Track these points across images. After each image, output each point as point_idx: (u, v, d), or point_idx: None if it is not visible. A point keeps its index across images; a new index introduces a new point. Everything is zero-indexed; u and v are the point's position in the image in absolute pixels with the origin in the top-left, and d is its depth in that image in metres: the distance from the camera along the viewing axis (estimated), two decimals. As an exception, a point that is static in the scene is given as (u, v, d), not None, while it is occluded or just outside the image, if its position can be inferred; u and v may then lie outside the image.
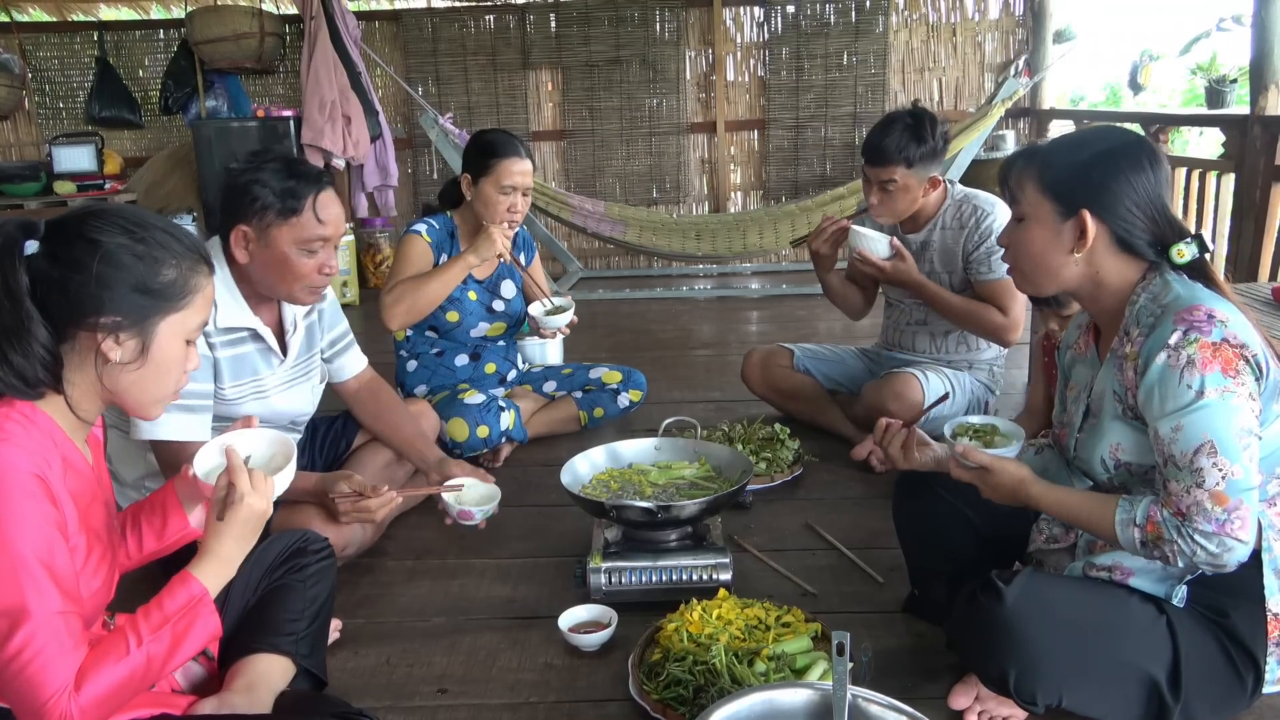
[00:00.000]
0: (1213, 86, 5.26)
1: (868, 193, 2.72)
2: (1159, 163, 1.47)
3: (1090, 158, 1.47)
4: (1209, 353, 1.34)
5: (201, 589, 1.26)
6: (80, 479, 1.30)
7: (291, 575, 1.62)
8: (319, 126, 5.40)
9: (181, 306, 1.29)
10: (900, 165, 2.61)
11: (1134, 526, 1.40)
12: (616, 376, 3.14)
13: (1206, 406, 1.33)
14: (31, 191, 5.76)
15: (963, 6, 6.31)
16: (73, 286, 1.22)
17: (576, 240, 6.44)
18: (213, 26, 5.70)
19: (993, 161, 5.64)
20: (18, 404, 1.23)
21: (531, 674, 1.81)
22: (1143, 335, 1.43)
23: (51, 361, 1.23)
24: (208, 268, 1.34)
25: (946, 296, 2.73)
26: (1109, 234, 1.46)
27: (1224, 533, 1.33)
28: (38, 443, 1.22)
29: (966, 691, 1.64)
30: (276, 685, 1.52)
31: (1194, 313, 1.36)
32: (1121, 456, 1.50)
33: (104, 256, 1.23)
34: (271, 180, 1.94)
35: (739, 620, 1.75)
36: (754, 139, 6.56)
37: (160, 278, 1.27)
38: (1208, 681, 1.44)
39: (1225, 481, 1.33)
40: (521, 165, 2.76)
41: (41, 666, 1.13)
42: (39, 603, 1.14)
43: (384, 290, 2.72)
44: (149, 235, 1.27)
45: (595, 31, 6.30)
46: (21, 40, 6.31)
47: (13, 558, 1.14)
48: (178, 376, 1.33)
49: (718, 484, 2.17)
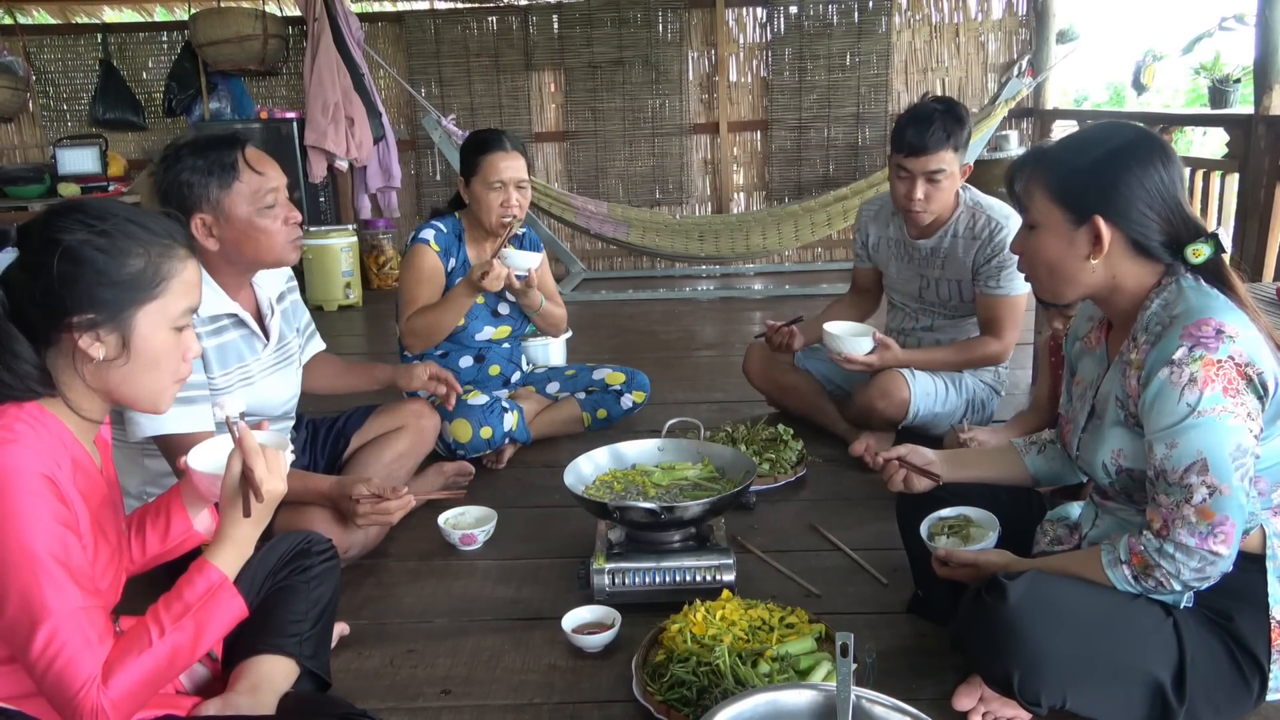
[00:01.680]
0: (1216, 86, 5.25)
1: (909, 191, 2.60)
2: (1170, 158, 1.43)
3: (1098, 159, 1.43)
4: (1212, 370, 1.32)
5: (220, 574, 1.27)
6: (89, 480, 1.30)
7: (295, 577, 1.62)
8: (322, 128, 5.41)
9: (156, 295, 1.27)
10: (949, 150, 2.55)
11: (1121, 564, 1.42)
12: (620, 378, 3.14)
13: (1202, 425, 1.33)
14: (36, 194, 5.78)
15: (965, 6, 6.31)
16: (40, 291, 1.21)
17: (579, 241, 6.44)
18: (216, 29, 5.72)
19: (996, 162, 5.64)
20: (26, 405, 1.23)
21: (535, 675, 1.81)
22: (1149, 344, 1.41)
23: (38, 373, 1.23)
24: (184, 250, 1.31)
25: (940, 357, 2.75)
26: (1124, 238, 1.43)
27: (1204, 547, 1.34)
28: (46, 444, 1.22)
29: (971, 692, 1.64)
30: (280, 686, 1.52)
31: (1202, 328, 1.34)
32: (1123, 463, 1.50)
33: (64, 254, 1.21)
34: (195, 161, 1.94)
35: (743, 621, 1.75)
36: (757, 140, 6.56)
37: (126, 268, 1.25)
38: (1212, 684, 1.44)
39: (1213, 498, 1.33)
40: (508, 159, 2.74)
41: (68, 661, 1.15)
42: (59, 600, 1.15)
43: (400, 312, 2.79)
44: (111, 227, 1.25)
45: (598, 32, 6.30)
46: (25, 43, 6.34)
47: (29, 557, 1.15)
48: (174, 366, 1.31)
49: (721, 485, 2.16)
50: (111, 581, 1.33)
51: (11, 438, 1.18)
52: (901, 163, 2.60)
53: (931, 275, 2.77)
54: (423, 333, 2.73)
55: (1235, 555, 1.37)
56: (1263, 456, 1.41)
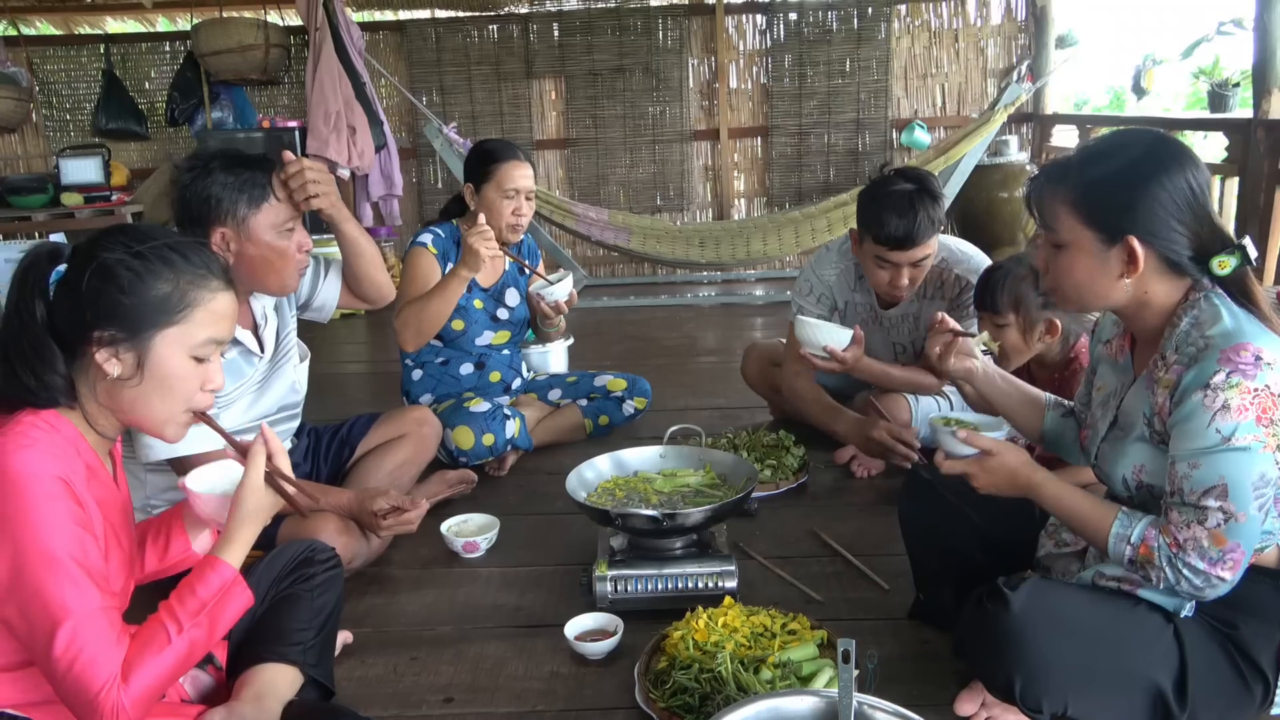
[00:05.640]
0: (1215, 90, 5.25)
1: (894, 279, 2.45)
2: (1196, 165, 1.38)
3: (1124, 174, 1.38)
4: (1248, 398, 1.30)
5: (232, 571, 1.31)
6: (103, 487, 1.31)
7: (299, 585, 1.63)
8: (324, 137, 5.42)
9: (178, 321, 1.29)
10: (934, 235, 2.40)
11: (1127, 544, 1.40)
12: (621, 384, 3.15)
13: (1230, 451, 1.31)
14: (39, 203, 5.79)
15: (965, 12, 6.33)
16: (72, 303, 1.25)
17: (581, 248, 6.45)
18: (218, 38, 5.74)
19: (995, 166, 5.65)
20: (43, 412, 1.25)
21: (538, 682, 1.82)
22: (1181, 365, 1.38)
23: (64, 383, 1.26)
24: (218, 282, 1.34)
25: (895, 375, 2.63)
26: (1157, 256, 1.39)
27: (1213, 571, 1.33)
28: (61, 449, 1.24)
29: (973, 699, 1.64)
30: (284, 695, 1.53)
31: (1240, 353, 1.32)
32: (1145, 479, 1.47)
33: (96, 270, 1.25)
34: (226, 178, 1.96)
35: (745, 627, 1.75)
36: (757, 146, 6.57)
37: (152, 291, 1.27)
38: (1215, 692, 1.43)
39: (1227, 525, 1.32)
40: (523, 169, 2.80)
41: (89, 661, 1.16)
42: (78, 600, 1.17)
43: (395, 311, 2.76)
44: (149, 250, 1.28)
45: (598, 40, 6.32)
46: (29, 54, 6.36)
47: (48, 558, 1.16)
48: (188, 394, 1.33)
49: (723, 491, 2.17)
50: (122, 587, 1.34)
51: (29, 443, 1.20)
52: (885, 255, 2.42)
53: (903, 341, 2.72)
54: (413, 322, 2.70)
55: (1239, 581, 1.35)
56: None
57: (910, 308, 2.63)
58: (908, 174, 2.43)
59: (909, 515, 1.91)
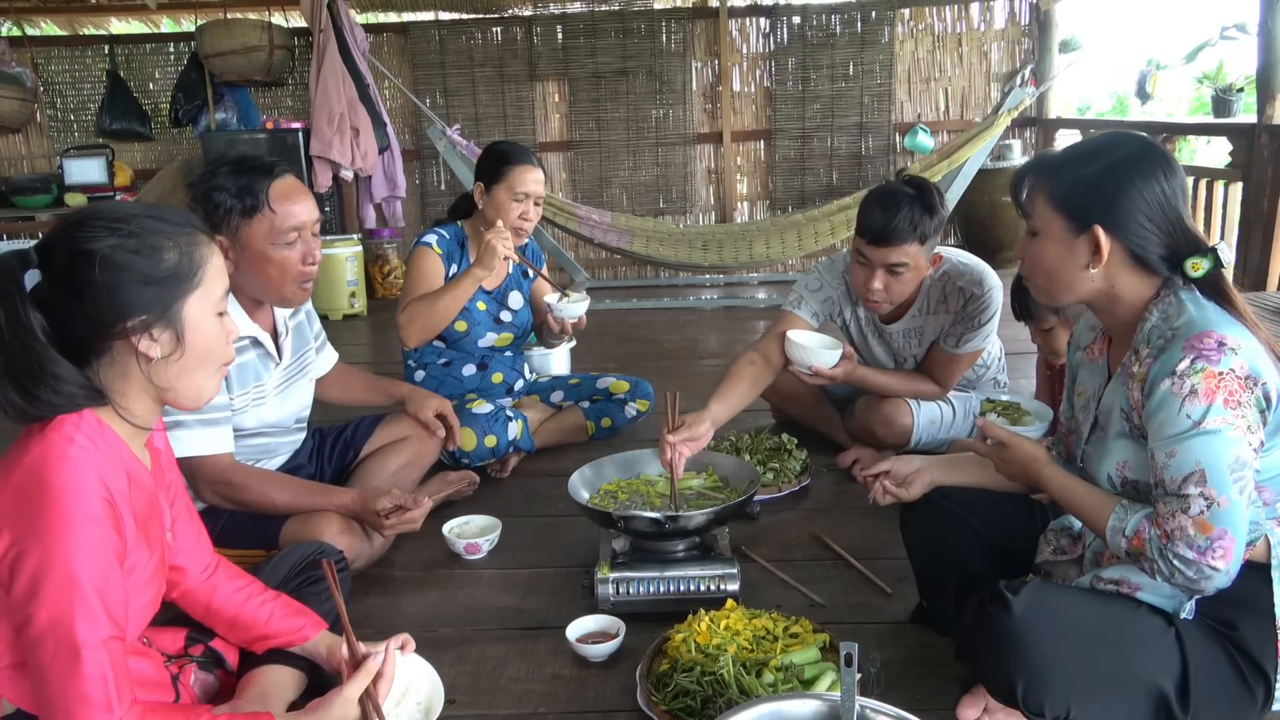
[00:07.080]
0: (1219, 95, 5.26)
1: (867, 280, 2.38)
2: (1173, 171, 1.43)
3: (1101, 169, 1.44)
4: (1213, 382, 1.33)
5: None
6: (142, 493, 1.30)
7: (306, 587, 1.64)
8: (327, 138, 5.43)
9: (196, 284, 1.29)
10: (914, 243, 2.31)
11: (1122, 536, 1.43)
12: (624, 386, 3.15)
13: (1202, 435, 1.33)
14: (43, 203, 5.81)
15: (968, 16, 6.34)
16: (86, 305, 1.21)
17: (584, 251, 6.46)
18: (222, 40, 5.75)
19: (999, 171, 5.66)
20: (85, 415, 1.23)
21: (539, 684, 1.82)
22: (1151, 356, 1.42)
23: (83, 390, 1.22)
24: (204, 236, 1.32)
25: (890, 382, 2.63)
26: (1123, 249, 1.44)
27: (1203, 560, 1.34)
28: (106, 457, 1.22)
29: (975, 703, 1.64)
30: (289, 696, 1.53)
31: (1204, 340, 1.35)
32: (1128, 475, 1.49)
33: (103, 264, 1.21)
34: (227, 182, 1.95)
35: (747, 631, 1.75)
36: (760, 149, 6.58)
37: (164, 264, 1.25)
38: (1217, 694, 1.44)
39: (1210, 511, 1.33)
40: (535, 174, 2.82)
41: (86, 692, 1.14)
42: (88, 629, 1.15)
43: (399, 308, 2.75)
44: (136, 227, 1.25)
45: (602, 43, 6.33)
46: (34, 54, 6.38)
47: (69, 580, 1.14)
48: (222, 350, 1.34)
49: (725, 494, 2.17)
50: (154, 594, 1.34)
51: (78, 454, 1.18)
52: (862, 249, 2.37)
53: (909, 353, 2.70)
54: (420, 318, 2.69)
55: (1236, 571, 1.36)
56: (1267, 467, 1.42)
57: (913, 322, 2.62)
58: (914, 181, 2.42)
59: (911, 522, 1.91)
